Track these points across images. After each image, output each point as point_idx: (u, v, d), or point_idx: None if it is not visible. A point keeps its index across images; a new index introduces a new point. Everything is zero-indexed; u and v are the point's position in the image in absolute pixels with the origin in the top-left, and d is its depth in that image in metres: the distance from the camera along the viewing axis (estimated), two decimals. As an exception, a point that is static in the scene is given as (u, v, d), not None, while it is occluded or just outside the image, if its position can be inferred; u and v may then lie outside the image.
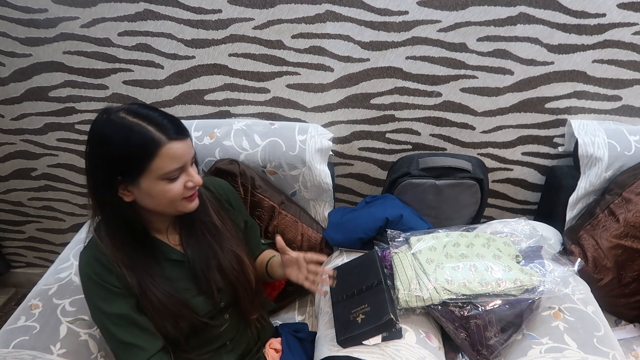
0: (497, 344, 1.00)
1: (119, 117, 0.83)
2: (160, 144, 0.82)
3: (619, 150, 1.30)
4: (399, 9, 1.26)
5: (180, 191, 0.88)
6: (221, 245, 1.01)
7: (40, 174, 1.71)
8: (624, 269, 1.23)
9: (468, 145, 1.50)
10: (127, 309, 0.90)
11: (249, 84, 1.43)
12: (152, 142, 0.82)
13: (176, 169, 0.85)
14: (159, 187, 0.85)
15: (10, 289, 2.09)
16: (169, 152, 0.83)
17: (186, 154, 0.86)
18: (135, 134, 0.82)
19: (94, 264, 0.90)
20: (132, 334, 0.91)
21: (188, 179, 0.88)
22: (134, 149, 0.82)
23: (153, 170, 0.83)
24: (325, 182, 1.38)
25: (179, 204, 0.90)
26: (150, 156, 0.82)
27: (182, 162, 0.86)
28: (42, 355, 1.02)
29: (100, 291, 0.90)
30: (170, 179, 0.86)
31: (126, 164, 0.83)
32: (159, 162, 0.83)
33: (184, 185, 0.88)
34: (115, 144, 0.82)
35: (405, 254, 1.11)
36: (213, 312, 1.00)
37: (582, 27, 1.25)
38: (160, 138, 0.82)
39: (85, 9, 1.33)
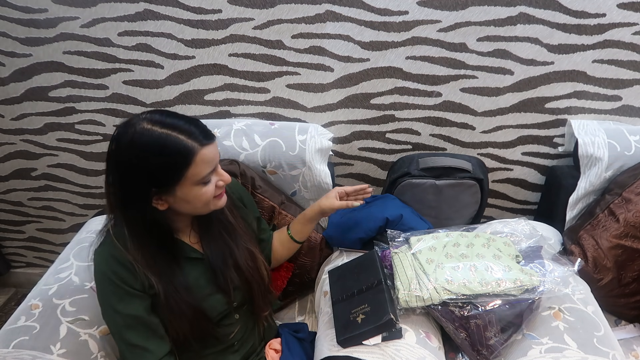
0: (497, 344, 1.00)
1: (146, 130, 0.82)
2: (195, 152, 0.83)
3: (619, 150, 1.30)
4: (399, 9, 1.26)
5: (213, 191, 0.90)
6: (236, 243, 1.03)
7: (40, 174, 1.71)
8: (624, 269, 1.23)
9: (468, 145, 1.50)
10: (141, 311, 0.91)
11: (249, 84, 1.43)
12: (186, 151, 0.82)
13: (210, 172, 0.87)
14: (194, 192, 0.87)
15: (10, 289, 2.09)
16: (204, 157, 0.84)
17: (217, 155, 0.89)
18: (169, 145, 0.82)
19: (112, 262, 0.90)
20: (142, 336, 0.91)
21: (219, 178, 0.91)
22: (170, 160, 0.82)
23: (189, 177, 0.85)
24: (325, 182, 1.38)
25: (211, 204, 0.92)
26: (186, 165, 0.83)
27: (215, 164, 0.88)
28: (42, 355, 1.02)
29: (117, 291, 0.90)
30: (204, 182, 0.87)
31: (162, 175, 0.84)
32: (194, 169, 0.84)
33: (215, 185, 0.90)
34: (149, 157, 0.82)
35: (405, 254, 1.11)
36: (227, 311, 1.02)
37: (582, 27, 1.25)
38: (194, 145, 0.83)
39: (85, 9, 1.33)
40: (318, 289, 1.29)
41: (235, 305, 1.03)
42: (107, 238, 0.93)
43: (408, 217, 1.27)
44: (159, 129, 0.82)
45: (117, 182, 0.86)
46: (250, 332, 1.10)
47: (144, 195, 0.85)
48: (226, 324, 1.03)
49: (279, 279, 1.32)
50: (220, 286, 1.00)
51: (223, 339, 1.03)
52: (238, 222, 1.07)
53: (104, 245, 0.93)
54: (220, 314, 1.00)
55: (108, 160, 0.86)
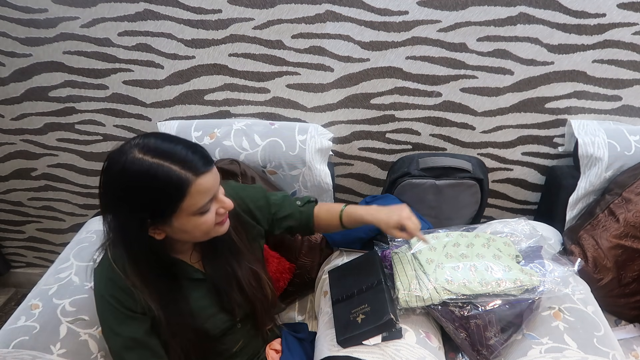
0: (497, 344, 1.00)
1: (137, 159, 0.76)
2: (189, 183, 0.77)
3: (619, 150, 1.30)
4: (399, 9, 1.26)
5: (213, 220, 0.85)
6: (239, 263, 0.99)
7: (40, 174, 1.71)
8: (624, 269, 1.23)
9: (468, 145, 1.50)
10: (140, 333, 0.89)
11: (249, 84, 1.43)
12: (180, 183, 0.76)
13: (208, 201, 0.81)
14: (192, 222, 0.82)
15: (10, 289, 2.09)
16: (199, 188, 0.78)
17: (215, 183, 0.82)
18: (160, 177, 0.76)
19: (111, 286, 0.87)
20: (141, 357, 0.90)
21: (219, 205, 0.85)
22: (161, 192, 0.77)
23: (185, 208, 0.79)
24: (325, 182, 1.38)
25: (212, 231, 0.87)
26: (180, 197, 0.78)
27: (213, 193, 0.82)
28: (42, 355, 1.02)
29: (115, 313, 0.88)
30: (202, 212, 0.82)
31: (155, 207, 0.79)
32: (190, 200, 0.78)
33: (215, 212, 0.85)
34: (140, 188, 0.77)
35: (405, 254, 1.11)
36: (229, 327, 1.01)
37: (582, 27, 1.25)
38: (188, 177, 0.77)
39: (85, 9, 1.33)
40: (318, 289, 1.29)
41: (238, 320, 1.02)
42: (106, 258, 0.90)
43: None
44: (149, 159, 0.76)
45: (112, 211, 0.82)
46: (252, 338, 1.09)
47: (139, 225, 0.80)
48: (228, 335, 1.02)
49: (281, 280, 1.32)
50: (223, 306, 0.99)
51: (225, 352, 1.03)
52: (242, 241, 1.02)
53: (103, 267, 0.90)
54: (222, 331, 1.00)
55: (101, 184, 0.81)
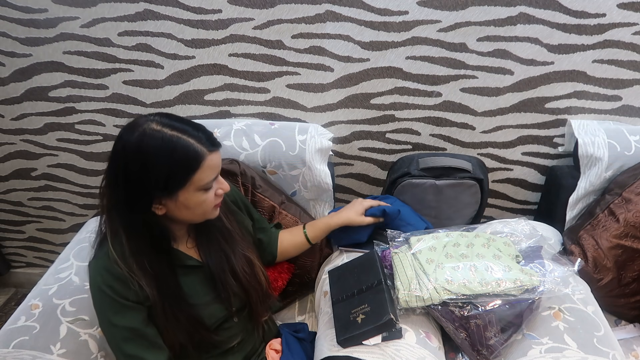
0: (497, 344, 1.00)
1: (156, 131, 0.80)
2: (203, 157, 0.83)
3: (619, 150, 1.30)
4: (399, 9, 1.26)
5: (213, 200, 0.89)
6: (233, 249, 1.02)
7: (40, 174, 1.71)
8: (624, 269, 1.23)
9: (468, 145, 1.50)
10: (137, 323, 0.90)
11: (249, 84, 1.43)
12: (196, 155, 0.82)
13: (214, 179, 0.87)
14: (196, 198, 0.86)
15: (10, 289, 2.09)
16: (210, 163, 0.84)
17: (220, 163, 0.89)
18: (179, 149, 0.81)
19: (107, 276, 0.88)
20: (140, 347, 0.90)
21: (219, 186, 0.90)
22: (179, 163, 0.81)
23: (194, 182, 0.84)
24: (325, 182, 1.38)
25: (209, 213, 0.91)
26: (194, 169, 0.82)
27: (218, 172, 0.88)
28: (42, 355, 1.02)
29: (112, 304, 0.89)
30: (206, 189, 0.87)
31: (169, 179, 0.82)
32: (201, 174, 0.83)
33: (215, 193, 0.89)
34: (159, 159, 0.80)
35: (405, 254, 1.11)
36: (225, 317, 1.01)
37: (582, 27, 1.25)
38: (203, 150, 0.83)
39: (85, 9, 1.33)
40: (318, 289, 1.29)
41: (234, 310, 1.03)
42: (102, 250, 0.91)
43: (406, 213, 1.27)
44: (169, 131, 0.81)
45: (122, 184, 0.83)
46: (250, 334, 1.10)
47: (147, 198, 0.83)
48: (225, 328, 1.03)
49: (279, 280, 1.32)
50: (219, 294, 1.00)
51: (222, 344, 1.03)
52: (234, 228, 1.05)
53: (98, 259, 0.91)
54: (218, 320, 1.00)
55: (112, 161, 0.84)
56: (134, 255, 0.88)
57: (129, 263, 0.87)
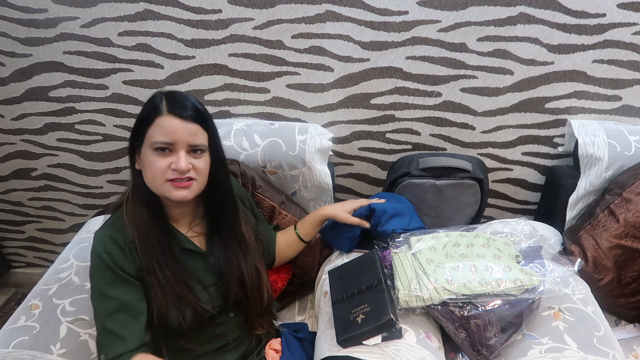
0: (497, 344, 1.00)
1: (158, 93, 0.93)
2: (158, 114, 0.88)
3: (619, 150, 1.30)
4: (399, 9, 1.26)
5: (164, 169, 0.89)
6: (246, 258, 1.04)
7: (40, 174, 1.71)
8: (624, 269, 1.23)
9: (468, 145, 1.50)
10: (126, 296, 0.90)
11: (249, 84, 1.43)
12: (153, 110, 0.89)
13: (164, 142, 0.88)
14: (148, 157, 0.90)
15: (10, 289, 2.09)
16: (162, 123, 0.88)
17: (179, 133, 0.88)
18: (149, 102, 0.92)
19: (108, 242, 0.92)
20: (121, 323, 0.89)
21: (174, 160, 0.90)
22: (143, 113, 0.91)
23: (148, 137, 0.89)
24: (325, 182, 1.38)
25: (163, 186, 0.91)
26: (149, 123, 0.89)
27: (172, 139, 0.88)
28: (42, 355, 1.02)
29: (107, 273, 0.90)
30: (157, 150, 0.89)
31: (138, 128, 0.92)
32: (152, 130, 0.89)
33: (169, 165, 0.89)
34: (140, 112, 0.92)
35: (405, 254, 1.11)
36: (219, 308, 1.01)
37: (582, 27, 1.25)
38: (162, 109, 0.89)
39: (85, 9, 1.33)
40: (318, 289, 1.29)
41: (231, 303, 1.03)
42: (111, 219, 0.97)
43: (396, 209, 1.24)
44: (159, 95, 0.92)
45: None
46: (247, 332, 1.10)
47: (131, 147, 0.94)
48: (219, 322, 1.03)
49: (279, 282, 1.32)
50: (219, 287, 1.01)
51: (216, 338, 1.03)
52: (250, 237, 1.07)
53: (105, 227, 0.96)
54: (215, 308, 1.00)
55: None
56: (135, 220, 0.93)
57: (132, 227, 0.92)
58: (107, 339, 0.89)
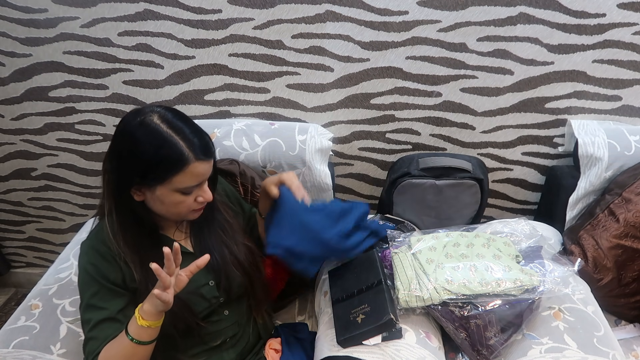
0: (497, 344, 1.00)
1: (153, 123, 0.83)
2: (188, 163, 0.84)
3: (619, 150, 1.30)
4: (399, 9, 1.26)
5: (191, 204, 0.90)
6: (234, 240, 1.04)
7: (40, 174, 1.71)
8: (624, 269, 1.23)
9: (468, 145, 1.50)
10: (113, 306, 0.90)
11: (249, 84, 1.43)
12: (181, 159, 0.83)
13: (195, 185, 0.88)
14: (172, 198, 0.87)
15: (10, 289, 2.09)
16: (194, 170, 0.85)
17: (207, 173, 0.89)
18: (167, 147, 0.83)
19: (92, 254, 0.91)
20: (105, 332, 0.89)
21: (200, 194, 0.90)
22: (163, 160, 0.83)
23: (174, 183, 0.85)
24: (325, 182, 1.38)
25: (185, 215, 0.92)
26: (176, 171, 0.84)
27: (202, 180, 0.89)
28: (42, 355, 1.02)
29: (93, 285, 0.90)
30: (186, 193, 0.88)
31: (150, 171, 0.84)
32: (181, 177, 0.85)
33: (195, 199, 0.90)
34: (146, 150, 0.83)
35: (405, 254, 1.11)
36: (213, 307, 1.01)
37: (582, 27, 1.25)
38: (190, 157, 0.84)
39: (85, 9, 1.33)
40: (318, 289, 1.29)
41: (222, 301, 1.03)
42: (95, 230, 0.96)
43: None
44: (165, 127, 0.83)
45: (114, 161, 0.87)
46: (244, 329, 1.09)
47: (128, 181, 0.86)
48: (214, 321, 1.02)
49: (278, 281, 1.31)
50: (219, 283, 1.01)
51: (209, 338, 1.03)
52: (232, 219, 1.07)
53: (90, 239, 0.95)
54: (205, 309, 1.00)
55: (113, 137, 0.88)
56: (121, 231, 0.90)
57: (117, 239, 0.90)
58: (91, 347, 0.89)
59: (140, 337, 0.84)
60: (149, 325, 0.84)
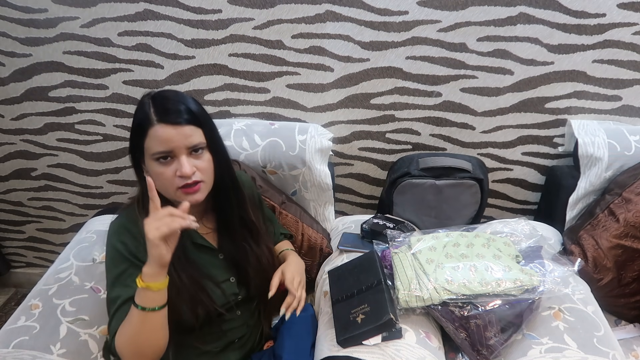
0: (497, 344, 0.99)
1: (145, 97, 0.90)
2: (150, 125, 0.86)
3: (619, 150, 1.30)
4: (399, 9, 1.26)
5: (171, 178, 0.89)
6: (258, 242, 1.05)
7: (40, 174, 1.71)
8: (624, 269, 1.23)
9: (468, 145, 1.50)
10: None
11: (249, 84, 1.43)
12: (144, 122, 0.87)
13: (161, 151, 0.87)
14: (154, 168, 0.89)
15: (10, 289, 2.09)
16: (156, 134, 0.86)
17: (174, 140, 0.87)
18: (138, 112, 0.89)
19: (123, 232, 0.93)
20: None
21: (177, 167, 0.89)
22: (135, 126, 0.89)
23: (147, 149, 0.88)
24: (325, 183, 1.38)
25: (175, 194, 0.91)
26: (143, 135, 0.87)
27: (169, 147, 0.87)
28: (42, 355, 1.02)
29: (122, 262, 0.91)
30: (159, 160, 0.88)
31: (134, 138, 0.90)
32: (148, 142, 0.87)
33: (174, 172, 0.88)
34: (133, 120, 0.90)
35: (405, 254, 1.11)
36: (231, 303, 1.02)
37: (582, 27, 1.25)
38: (152, 119, 0.86)
39: (85, 9, 1.33)
40: (318, 289, 1.29)
41: (239, 299, 1.03)
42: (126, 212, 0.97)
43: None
44: (146, 100, 0.89)
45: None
46: (252, 331, 1.10)
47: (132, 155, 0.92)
48: (227, 319, 1.03)
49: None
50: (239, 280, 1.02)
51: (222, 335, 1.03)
52: (259, 221, 1.08)
53: (120, 218, 0.96)
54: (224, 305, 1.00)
55: None
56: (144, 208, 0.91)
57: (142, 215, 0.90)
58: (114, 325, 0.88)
59: (144, 302, 0.82)
60: (147, 286, 0.81)
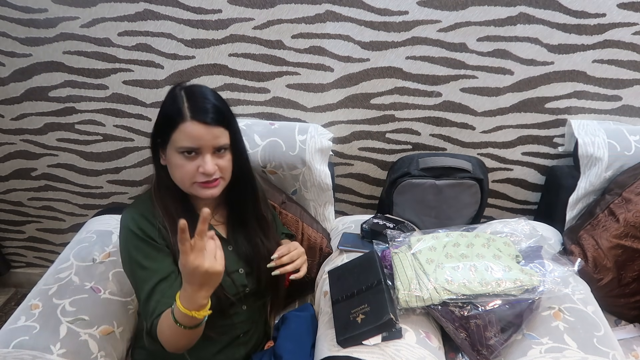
0: (497, 344, 0.99)
1: (177, 89, 0.93)
2: (181, 120, 0.89)
3: (619, 150, 1.30)
4: (399, 9, 1.26)
5: (192, 172, 0.91)
6: (268, 237, 1.07)
7: (40, 174, 1.71)
8: (624, 269, 1.23)
9: (468, 145, 1.50)
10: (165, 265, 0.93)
11: (249, 84, 1.43)
12: (177, 115, 0.89)
13: (189, 147, 0.90)
14: (176, 160, 0.91)
15: (10, 289, 2.09)
16: (186, 130, 0.89)
17: (203, 138, 0.90)
18: (171, 104, 0.91)
19: (139, 218, 0.95)
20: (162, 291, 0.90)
21: (200, 164, 0.91)
22: (166, 116, 0.91)
23: (173, 141, 0.90)
24: (325, 183, 1.38)
25: (191, 187, 0.94)
26: (173, 127, 0.89)
27: (197, 144, 0.89)
28: (42, 355, 1.02)
29: (142, 246, 0.93)
30: (185, 154, 0.90)
31: (161, 128, 0.92)
32: (177, 135, 0.89)
33: (197, 168, 0.91)
34: (162, 109, 0.93)
35: (405, 254, 1.11)
36: (240, 295, 1.03)
37: (582, 27, 1.25)
38: (185, 115, 0.89)
39: (85, 9, 1.33)
40: (318, 289, 1.29)
41: (247, 292, 1.04)
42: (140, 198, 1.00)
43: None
44: (181, 92, 0.91)
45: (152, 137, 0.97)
46: (256, 326, 1.11)
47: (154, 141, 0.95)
48: (232, 314, 1.04)
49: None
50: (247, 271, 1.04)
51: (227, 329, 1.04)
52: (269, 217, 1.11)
53: (134, 206, 0.99)
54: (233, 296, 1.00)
55: None
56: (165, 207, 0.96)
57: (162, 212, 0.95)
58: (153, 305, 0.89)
59: (183, 322, 0.82)
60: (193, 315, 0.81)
